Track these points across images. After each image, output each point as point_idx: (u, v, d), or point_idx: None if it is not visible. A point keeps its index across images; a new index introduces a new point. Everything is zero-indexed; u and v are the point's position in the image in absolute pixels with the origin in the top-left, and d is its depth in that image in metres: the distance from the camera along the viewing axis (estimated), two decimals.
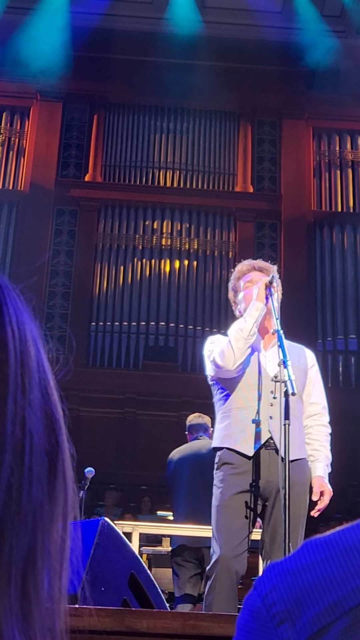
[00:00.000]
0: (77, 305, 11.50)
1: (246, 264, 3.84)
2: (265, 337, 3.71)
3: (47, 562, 0.55)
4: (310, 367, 3.71)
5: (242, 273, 3.80)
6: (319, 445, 3.60)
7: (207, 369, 3.68)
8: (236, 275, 3.83)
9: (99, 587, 2.19)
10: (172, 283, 11.73)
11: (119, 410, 11.07)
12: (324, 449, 3.61)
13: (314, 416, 3.65)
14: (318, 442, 3.61)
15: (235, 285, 3.81)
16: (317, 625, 0.61)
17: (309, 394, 3.67)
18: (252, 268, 3.79)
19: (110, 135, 12.39)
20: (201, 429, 5.60)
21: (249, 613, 0.65)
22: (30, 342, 0.57)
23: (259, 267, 3.78)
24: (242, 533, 3.40)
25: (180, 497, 5.40)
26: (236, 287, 3.80)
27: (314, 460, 3.57)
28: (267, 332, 3.70)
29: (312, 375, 3.71)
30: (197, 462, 5.29)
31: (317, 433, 3.63)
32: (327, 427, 3.68)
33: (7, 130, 12.21)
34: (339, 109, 12.06)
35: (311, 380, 3.69)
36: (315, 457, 3.58)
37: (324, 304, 11.68)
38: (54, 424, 0.57)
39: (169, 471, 5.59)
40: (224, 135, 12.48)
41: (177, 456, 5.56)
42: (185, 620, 1.98)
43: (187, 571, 5.24)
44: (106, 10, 11.61)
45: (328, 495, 3.52)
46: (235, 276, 3.83)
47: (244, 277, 3.76)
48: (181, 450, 5.62)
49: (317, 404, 3.68)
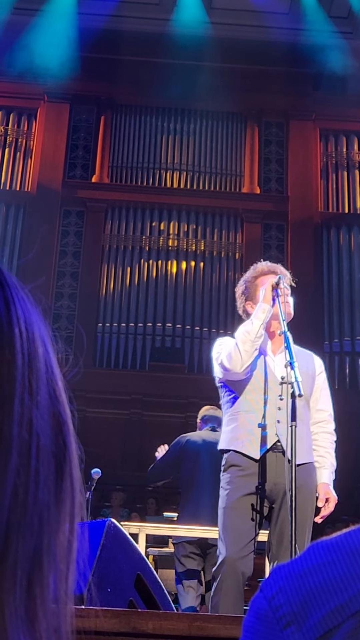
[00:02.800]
0: (84, 306, 11.51)
1: (266, 265, 3.76)
2: (274, 340, 3.69)
3: (54, 563, 0.55)
4: (318, 374, 3.70)
5: (262, 273, 3.71)
6: (324, 452, 3.60)
7: (215, 371, 3.67)
8: (254, 274, 3.74)
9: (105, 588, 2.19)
10: (178, 284, 11.73)
11: (125, 411, 11.07)
12: (330, 455, 3.61)
13: (320, 423, 3.65)
14: (324, 449, 3.61)
15: (252, 283, 3.72)
16: (324, 628, 0.61)
17: (316, 400, 3.66)
18: (273, 271, 3.70)
19: (117, 137, 12.40)
20: (216, 422, 5.49)
21: (255, 615, 0.65)
22: (39, 343, 0.57)
23: (280, 272, 3.70)
24: (248, 535, 3.40)
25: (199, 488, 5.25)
26: (253, 285, 3.71)
27: (320, 467, 3.56)
28: (275, 335, 3.68)
29: (319, 382, 3.70)
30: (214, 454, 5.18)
31: (322, 440, 3.62)
32: (333, 435, 3.67)
33: (15, 132, 12.23)
34: (346, 110, 12.04)
35: (319, 387, 3.69)
36: (321, 463, 3.57)
37: (331, 306, 11.66)
38: (61, 425, 0.57)
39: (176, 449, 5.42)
40: (231, 136, 12.48)
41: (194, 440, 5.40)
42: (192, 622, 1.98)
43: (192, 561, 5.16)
44: (113, 11, 11.62)
45: (333, 503, 3.52)
46: (253, 275, 3.75)
47: (262, 280, 3.66)
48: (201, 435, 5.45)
49: (324, 411, 3.67)
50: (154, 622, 1.94)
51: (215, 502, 5.07)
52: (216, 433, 5.39)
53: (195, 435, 5.48)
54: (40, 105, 12.25)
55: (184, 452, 5.35)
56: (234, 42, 11.69)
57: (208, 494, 5.16)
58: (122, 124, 12.47)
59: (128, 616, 1.94)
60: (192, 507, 5.20)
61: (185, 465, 5.32)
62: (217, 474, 5.13)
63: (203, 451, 5.28)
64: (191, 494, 5.25)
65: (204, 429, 5.50)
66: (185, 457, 5.33)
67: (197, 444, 5.35)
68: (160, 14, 11.75)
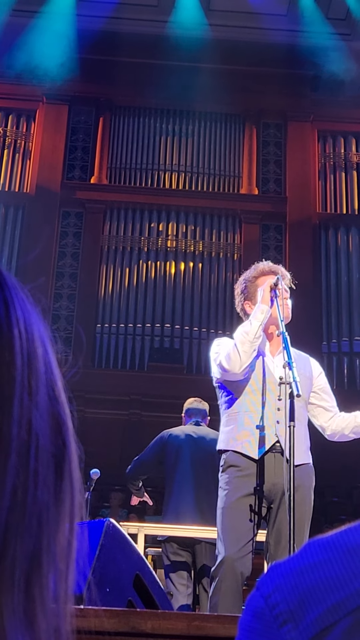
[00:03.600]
0: (83, 307, 11.51)
1: (267, 265, 3.75)
2: (272, 341, 3.69)
3: (53, 563, 0.55)
4: (317, 376, 3.71)
5: (262, 273, 3.69)
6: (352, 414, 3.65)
7: (213, 372, 3.67)
8: (255, 273, 3.73)
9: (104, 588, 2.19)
10: (177, 285, 11.72)
11: (124, 411, 11.07)
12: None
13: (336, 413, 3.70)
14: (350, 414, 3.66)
15: (252, 282, 3.70)
16: (321, 625, 0.61)
17: (325, 400, 3.69)
18: (273, 271, 3.68)
19: (115, 138, 12.39)
20: (200, 415, 5.48)
21: (251, 614, 0.65)
22: (38, 343, 0.57)
23: (281, 273, 3.68)
24: (247, 535, 3.40)
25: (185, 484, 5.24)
26: (253, 285, 3.69)
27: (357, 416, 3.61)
28: (273, 336, 3.69)
29: (321, 383, 3.71)
30: (203, 450, 5.16)
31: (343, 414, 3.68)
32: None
33: (14, 133, 12.23)
34: (344, 111, 12.04)
35: (323, 387, 3.71)
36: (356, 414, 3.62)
37: (329, 306, 11.67)
38: (60, 425, 0.57)
39: (158, 444, 5.38)
40: (229, 137, 12.48)
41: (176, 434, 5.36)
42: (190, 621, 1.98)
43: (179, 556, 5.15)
44: (112, 13, 11.62)
45: None
46: (253, 274, 3.73)
47: (262, 280, 3.65)
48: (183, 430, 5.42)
49: (334, 407, 3.73)
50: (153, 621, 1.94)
51: (197, 497, 5.08)
52: (199, 427, 5.39)
53: (178, 429, 5.45)
54: (39, 106, 12.25)
55: (167, 447, 5.33)
56: (232, 44, 11.70)
57: (190, 489, 5.15)
58: (120, 125, 12.47)
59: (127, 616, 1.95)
60: (174, 502, 5.18)
61: (168, 461, 5.30)
62: (199, 468, 5.13)
63: (185, 446, 5.26)
64: (173, 488, 5.24)
65: (188, 423, 5.48)
66: (167, 453, 5.32)
67: (180, 438, 5.32)
68: (158, 15, 11.75)
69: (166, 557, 5.17)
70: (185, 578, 5.10)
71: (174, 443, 5.30)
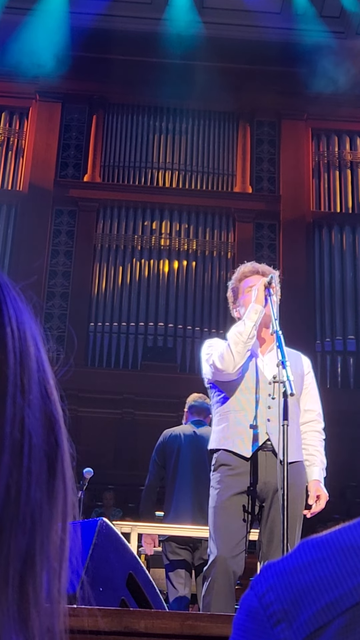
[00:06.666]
0: (76, 306, 11.50)
1: (249, 266, 3.78)
2: (262, 340, 3.70)
3: (47, 562, 0.55)
4: (306, 374, 3.72)
5: (244, 275, 3.74)
6: (314, 450, 3.62)
7: (205, 372, 3.67)
8: (238, 276, 3.77)
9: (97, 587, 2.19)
10: (170, 283, 11.72)
11: (117, 410, 11.07)
12: (319, 453, 3.63)
13: (309, 423, 3.67)
14: (313, 447, 3.63)
15: (235, 286, 3.77)
16: (314, 625, 0.61)
17: (305, 401, 3.68)
18: (255, 271, 3.74)
19: (109, 136, 12.38)
20: (202, 414, 5.43)
21: (245, 613, 0.65)
22: (30, 342, 0.57)
23: (262, 271, 3.73)
24: (239, 534, 3.40)
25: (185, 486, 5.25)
26: (237, 288, 3.77)
27: (310, 465, 3.58)
28: (265, 335, 3.69)
29: (307, 382, 3.72)
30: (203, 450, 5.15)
31: (312, 439, 3.64)
32: (322, 434, 3.69)
33: (6, 131, 12.21)
34: (338, 109, 12.04)
35: (307, 387, 3.70)
36: (311, 461, 3.59)
37: (323, 305, 11.68)
38: (53, 424, 0.57)
39: (160, 445, 5.37)
40: (223, 135, 12.48)
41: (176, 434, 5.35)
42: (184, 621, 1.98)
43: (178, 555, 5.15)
44: (105, 10, 11.60)
45: (324, 500, 3.53)
46: (236, 277, 3.78)
47: (246, 282, 3.71)
48: (184, 430, 5.40)
49: (313, 411, 3.69)
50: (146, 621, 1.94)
51: (196, 497, 5.08)
52: (200, 428, 5.38)
53: (178, 429, 5.45)
54: (32, 104, 12.23)
55: (167, 447, 5.34)
56: (226, 42, 11.69)
57: (188, 490, 5.16)
58: (114, 123, 12.46)
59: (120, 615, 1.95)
60: (173, 503, 5.20)
61: (169, 461, 5.32)
62: (199, 469, 5.13)
63: (184, 446, 5.27)
64: (173, 489, 5.25)
65: (189, 422, 5.48)
66: (168, 453, 5.33)
67: (180, 439, 5.33)
68: (152, 13, 11.75)
69: (165, 556, 5.19)
70: (183, 577, 5.11)
71: (174, 443, 5.32)
